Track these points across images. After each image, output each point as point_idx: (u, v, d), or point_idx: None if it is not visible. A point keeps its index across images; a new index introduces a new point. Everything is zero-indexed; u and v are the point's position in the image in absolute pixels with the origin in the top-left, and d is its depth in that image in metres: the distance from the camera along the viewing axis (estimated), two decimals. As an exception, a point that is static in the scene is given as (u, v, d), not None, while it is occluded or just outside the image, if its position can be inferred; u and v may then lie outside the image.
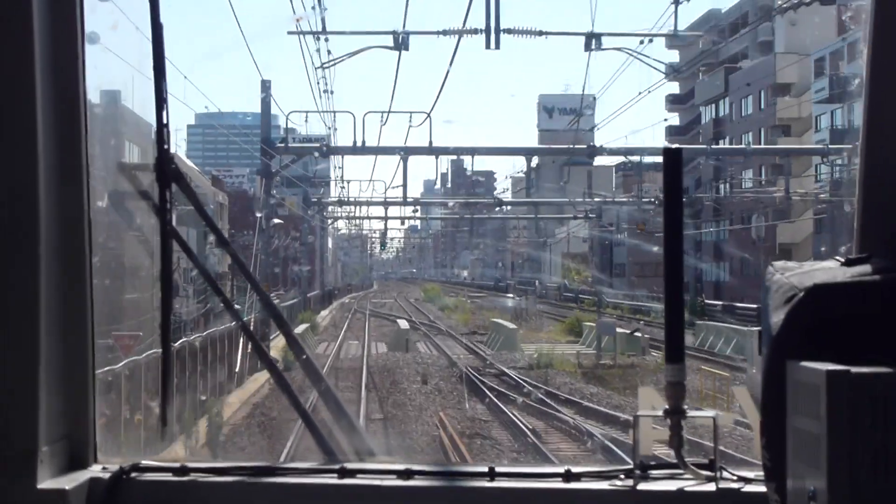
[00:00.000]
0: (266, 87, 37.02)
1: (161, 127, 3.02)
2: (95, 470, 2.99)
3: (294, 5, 58.05)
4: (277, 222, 41.31)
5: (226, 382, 28.60)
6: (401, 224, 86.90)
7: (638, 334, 41.15)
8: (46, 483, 2.84)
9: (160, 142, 3.02)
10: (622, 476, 2.89)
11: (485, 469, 2.92)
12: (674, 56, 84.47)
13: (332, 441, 3.14)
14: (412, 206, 52.82)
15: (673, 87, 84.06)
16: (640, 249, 68.37)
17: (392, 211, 64.57)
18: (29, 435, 2.82)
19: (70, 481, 2.87)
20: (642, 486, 2.85)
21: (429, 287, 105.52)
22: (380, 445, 3.43)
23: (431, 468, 2.97)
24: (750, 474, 2.84)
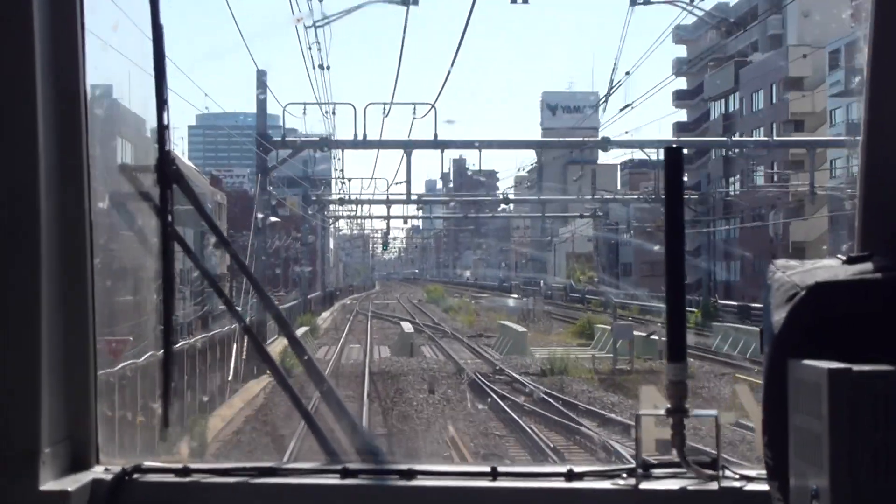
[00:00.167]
0: (262, 78, 34.60)
1: (161, 128, 3.01)
2: (98, 471, 2.99)
3: (294, 5, 55.46)
4: (275, 221, 39.03)
5: (216, 394, 26.13)
6: (403, 223, 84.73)
7: (655, 337, 38.78)
8: (49, 484, 2.83)
9: (161, 143, 3.01)
10: (624, 475, 2.87)
11: (487, 469, 2.92)
12: (681, 51, 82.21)
13: (335, 441, 3.12)
14: (416, 204, 50.49)
15: (680, 83, 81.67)
16: (648, 249, 66.27)
17: (394, 210, 62.54)
18: (31, 436, 2.82)
19: (72, 482, 2.87)
20: (644, 486, 2.83)
21: (432, 288, 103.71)
22: (382, 447, 3.19)
23: (433, 468, 2.95)
24: (752, 473, 2.82)
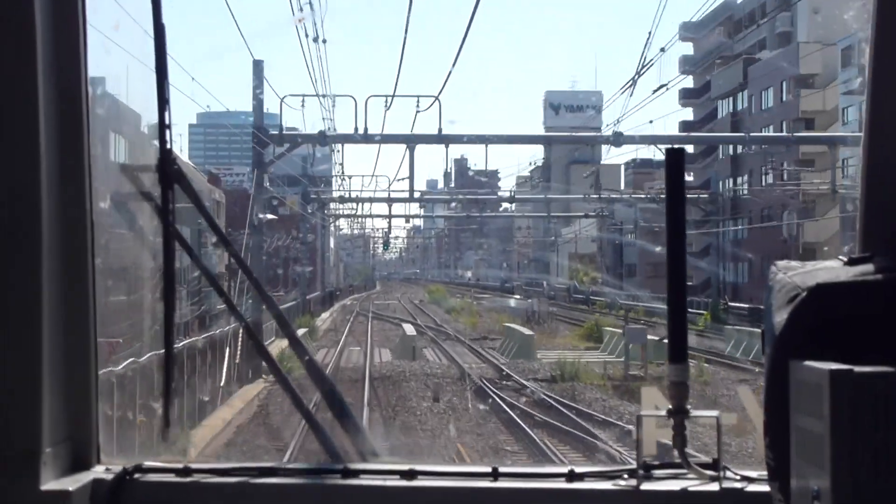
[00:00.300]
0: (259, 69, 32.77)
1: (163, 127, 3.00)
2: (98, 471, 2.98)
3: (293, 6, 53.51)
4: (271, 218, 37.23)
5: (206, 402, 24.35)
6: (405, 222, 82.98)
7: (667, 341, 36.28)
8: (49, 484, 2.83)
9: (162, 142, 3.00)
10: (625, 476, 2.87)
11: (488, 469, 2.92)
12: (688, 49, 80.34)
13: (336, 441, 3.10)
14: (418, 202, 48.61)
15: (686, 82, 79.76)
16: (652, 249, 64.62)
17: (396, 209, 60.65)
18: (31, 436, 2.82)
19: (73, 482, 2.87)
20: (645, 486, 2.83)
21: (433, 288, 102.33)
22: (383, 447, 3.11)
23: (435, 468, 2.95)
24: (753, 474, 2.82)
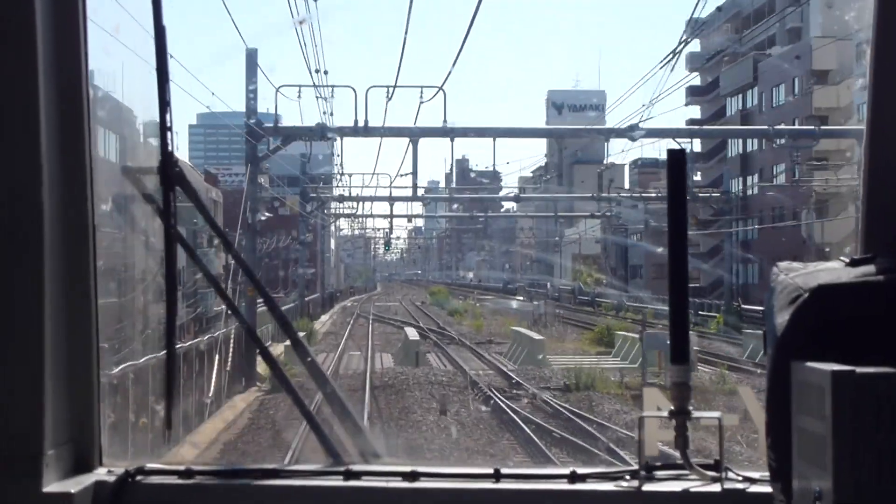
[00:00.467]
0: (252, 58, 30.39)
1: (164, 129, 2.99)
2: (101, 473, 2.99)
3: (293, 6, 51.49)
4: (266, 216, 34.92)
5: (192, 415, 22.20)
6: (408, 221, 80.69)
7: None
8: (52, 486, 2.83)
9: (163, 144, 2.99)
10: (627, 477, 2.88)
11: (490, 471, 2.92)
12: (694, 45, 78.08)
13: (337, 443, 3.11)
14: (421, 200, 46.30)
15: (693, 79, 77.38)
16: (659, 250, 62.21)
17: (398, 208, 58.32)
18: (34, 438, 2.82)
19: (75, 484, 2.87)
20: (647, 487, 2.84)
21: (435, 289, 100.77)
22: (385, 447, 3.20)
23: (437, 470, 2.96)
24: (755, 475, 2.82)
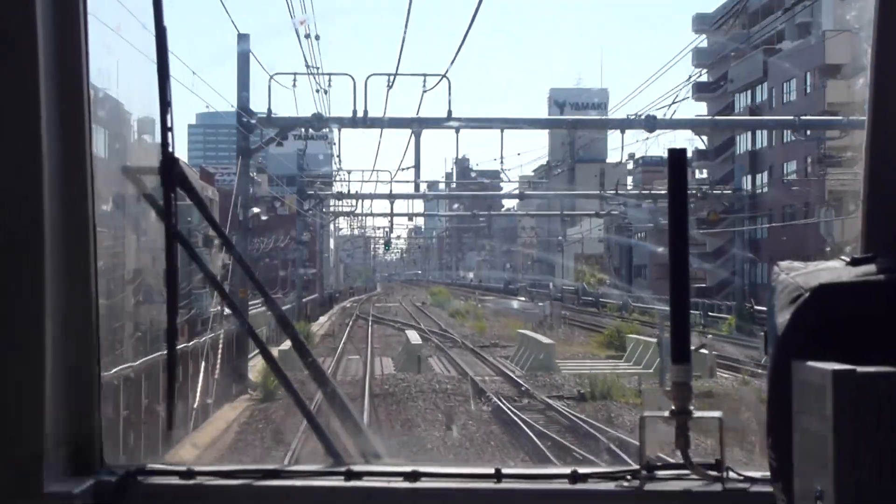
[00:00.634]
0: (244, 44, 28.12)
1: (165, 130, 2.96)
2: (102, 473, 2.98)
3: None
4: (258, 212, 32.80)
5: (179, 426, 19.96)
6: (409, 220, 78.54)
7: (704, 351, 31.86)
8: (53, 487, 2.83)
9: (164, 145, 2.97)
10: (629, 477, 2.87)
11: (491, 471, 2.91)
12: (701, 41, 75.83)
13: (338, 443, 3.10)
14: (422, 198, 44.10)
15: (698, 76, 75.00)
16: (664, 250, 59.11)
17: (398, 206, 56.09)
18: (35, 439, 2.82)
19: (76, 485, 2.87)
20: (649, 487, 2.83)
21: (435, 290, 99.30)
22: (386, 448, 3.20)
23: (438, 470, 2.95)
24: (756, 474, 2.82)
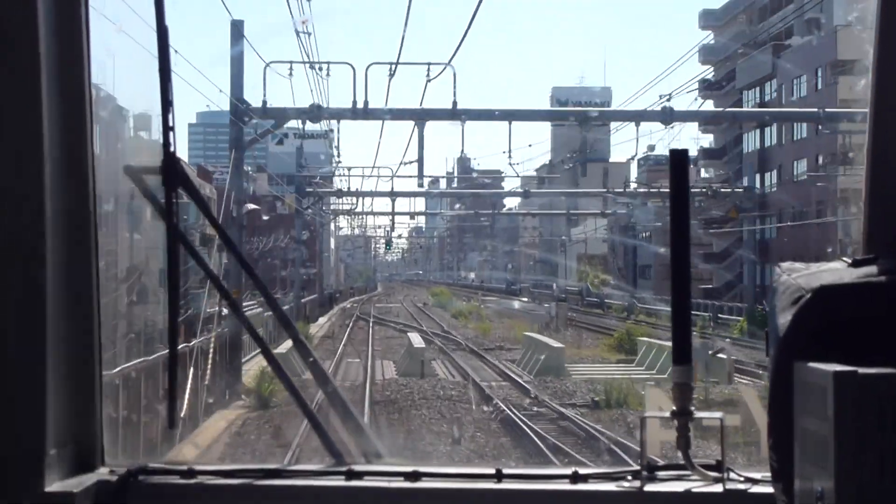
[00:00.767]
0: (238, 30, 26.25)
1: (167, 130, 2.96)
2: (103, 472, 2.99)
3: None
4: (253, 209, 31.05)
5: (158, 442, 18.55)
6: (410, 219, 76.76)
7: (722, 355, 29.99)
8: (54, 486, 2.83)
9: (166, 144, 2.98)
10: (629, 477, 2.87)
11: (492, 471, 2.92)
12: (707, 38, 74.25)
13: (339, 443, 3.10)
14: (424, 195, 42.32)
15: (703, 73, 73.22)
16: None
17: (400, 205, 54.38)
18: (36, 438, 2.82)
19: (77, 484, 2.87)
20: (649, 488, 2.84)
21: (437, 290, 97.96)
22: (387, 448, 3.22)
23: (439, 470, 2.95)
24: (757, 475, 2.81)
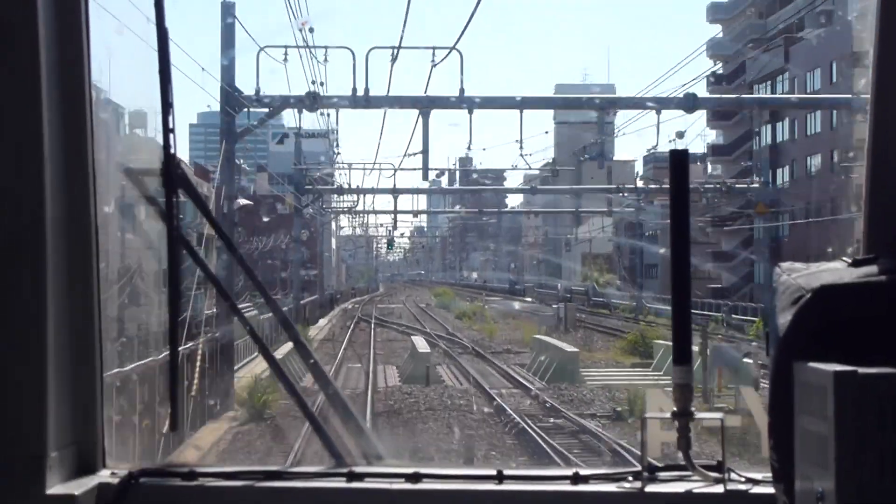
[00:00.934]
0: (229, 12, 24.14)
1: (167, 131, 2.95)
2: (104, 475, 2.98)
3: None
4: (245, 203, 28.95)
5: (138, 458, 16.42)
6: (413, 217, 74.85)
7: (749, 361, 27.68)
8: (55, 488, 2.83)
9: (166, 146, 2.96)
10: (630, 478, 2.85)
11: (493, 472, 2.90)
12: (716, 30, 72.75)
13: (340, 445, 3.09)
14: (428, 192, 40.18)
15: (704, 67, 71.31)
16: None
17: (402, 203, 52.45)
18: (37, 440, 2.82)
19: (79, 486, 2.87)
20: (650, 488, 2.82)
21: (439, 290, 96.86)
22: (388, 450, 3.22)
23: (440, 471, 2.94)
24: (758, 476, 2.80)
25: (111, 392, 15.86)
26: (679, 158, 2.82)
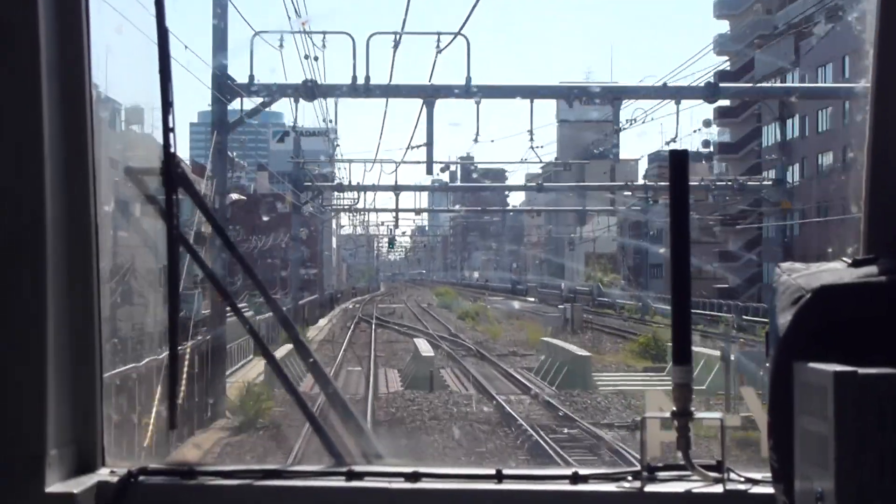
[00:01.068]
0: (221, -5, 22.53)
1: (167, 130, 2.95)
2: (103, 473, 3.00)
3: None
4: (237, 198, 27.44)
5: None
6: (415, 215, 73.52)
7: (769, 364, 25.10)
8: (54, 487, 2.84)
9: (166, 145, 2.96)
10: (629, 478, 2.85)
11: (492, 471, 2.91)
12: (723, 27, 71.71)
13: (340, 444, 3.09)
14: (430, 189, 38.69)
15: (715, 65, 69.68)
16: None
17: (404, 201, 50.98)
18: (37, 439, 2.83)
19: (78, 485, 2.88)
20: (650, 488, 2.82)
21: (441, 290, 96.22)
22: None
23: (439, 470, 2.94)
24: (757, 476, 2.80)
25: (111, 391, 15.53)
26: (679, 158, 2.81)
